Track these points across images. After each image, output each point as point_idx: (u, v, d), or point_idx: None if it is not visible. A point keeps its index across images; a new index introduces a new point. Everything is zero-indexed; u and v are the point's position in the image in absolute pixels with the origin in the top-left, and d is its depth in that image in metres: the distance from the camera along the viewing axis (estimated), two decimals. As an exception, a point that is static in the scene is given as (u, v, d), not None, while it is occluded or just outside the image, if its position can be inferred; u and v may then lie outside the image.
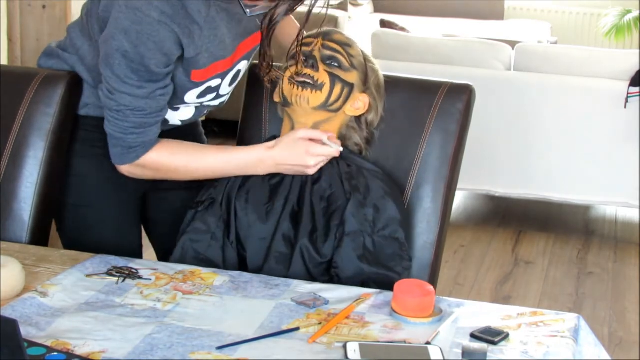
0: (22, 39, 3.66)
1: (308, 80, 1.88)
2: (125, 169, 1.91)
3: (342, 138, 1.96)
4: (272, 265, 1.85)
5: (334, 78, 1.90)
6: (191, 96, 1.95)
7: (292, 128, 1.93)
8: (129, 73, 1.78)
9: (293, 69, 1.90)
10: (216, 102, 2.03)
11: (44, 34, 3.67)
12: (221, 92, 1.99)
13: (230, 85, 2.01)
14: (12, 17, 3.63)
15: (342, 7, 6.36)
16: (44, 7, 3.64)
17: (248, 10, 1.80)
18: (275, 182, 1.92)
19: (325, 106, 1.90)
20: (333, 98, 1.90)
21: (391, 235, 1.87)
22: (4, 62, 3.53)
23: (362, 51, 1.98)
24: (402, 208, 1.91)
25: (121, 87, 1.80)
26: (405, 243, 1.88)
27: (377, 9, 7.41)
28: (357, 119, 1.97)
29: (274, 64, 1.97)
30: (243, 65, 2.01)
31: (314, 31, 1.97)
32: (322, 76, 1.89)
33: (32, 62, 3.65)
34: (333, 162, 1.92)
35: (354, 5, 6.85)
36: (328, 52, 1.91)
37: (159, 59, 1.78)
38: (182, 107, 1.99)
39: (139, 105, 1.82)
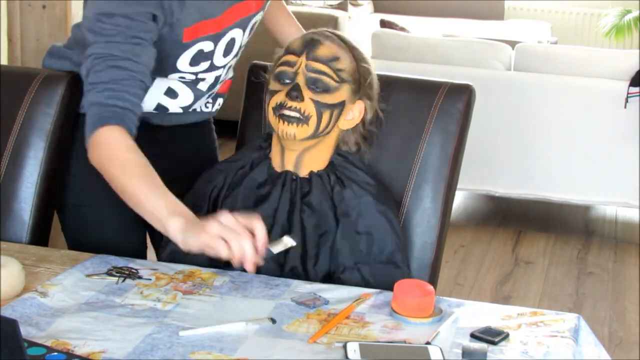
0: (22, 39, 3.66)
1: (293, 114, 1.81)
2: (89, 145, 1.81)
3: (340, 141, 1.92)
4: None
5: (319, 107, 1.82)
6: (183, 62, 1.92)
7: (282, 150, 1.87)
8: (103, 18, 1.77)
9: (277, 98, 1.83)
10: (211, 76, 1.99)
11: (44, 34, 3.67)
12: (215, 61, 1.96)
13: (225, 55, 1.97)
14: (12, 17, 3.63)
15: (342, 7, 6.36)
16: (44, 7, 3.64)
17: None
18: (262, 194, 1.87)
19: (314, 136, 1.84)
20: (322, 127, 1.84)
21: (389, 260, 1.83)
22: (4, 62, 3.53)
23: (354, 52, 1.88)
24: (396, 224, 1.86)
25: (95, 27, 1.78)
26: (403, 266, 1.84)
27: (377, 9, 7.41)
28: None
29: (265, 62, 1.96)
30: (237, 34, 1.95)
31: (300, 38, 1.88)
32: (308, 107, 1.82)
33: (32, 62, 3.65)
34: (323, 175, 1.87)
35: (354, 5, 6.85)
36: (312, 75, 1.82)
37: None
38: (176, 83, 1.97)
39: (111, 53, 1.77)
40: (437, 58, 4.52)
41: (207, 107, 2.09)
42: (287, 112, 1.81)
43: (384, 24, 5.50)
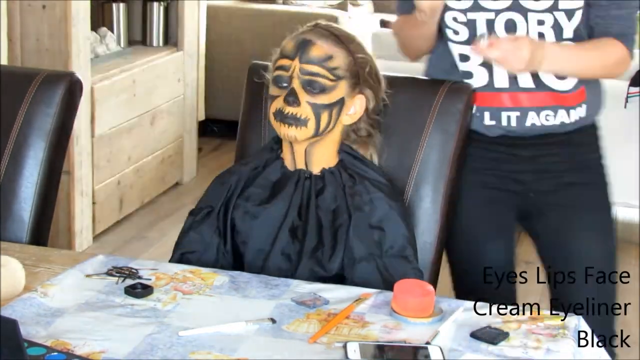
0: (22, 39, 3.66)
1: (291, 121, 1.84)
2: None
3: (349, 130, 1.92)
4: None
5: (317, 109, 1.85)
6: None
7: (291, 145, 1.89)
8: None
9: (276, 104, 1.86)
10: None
11: (44, 34, 3.66)
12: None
13: None
14: (12, 17, 3.62)
15: (342, 7, 6.36)
16: (44, 7, 3.63)
17: None
18: (276, 191, 1.89)
19: (316, 135, 1.87)
20: (322, 127, 1.86)
21: (400, 254, 1.84)
22: (4, 62, 3.52)
23: (350, 46, 1.88)
24: (408, 221, 1.89)
25: None
26: (414, 260, 1.86)
27: (377, 9, 7.39)
28: None
29: (265, 62, 1.96)
30: None
31: (293, 39, 1.88)
32: (305, 111, 1.84)
33: (32, 62, 3.65)
34: (335, 172, 1.89)
35: (354, 5, 6.84)
36: (307, 77, 1.84)
37: None
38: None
39: None
40: (437, 58, 4.51)
41: (547, 120, 2.09)
42: (285, 118, 1.84)
43: (384, 24, 5.49)
